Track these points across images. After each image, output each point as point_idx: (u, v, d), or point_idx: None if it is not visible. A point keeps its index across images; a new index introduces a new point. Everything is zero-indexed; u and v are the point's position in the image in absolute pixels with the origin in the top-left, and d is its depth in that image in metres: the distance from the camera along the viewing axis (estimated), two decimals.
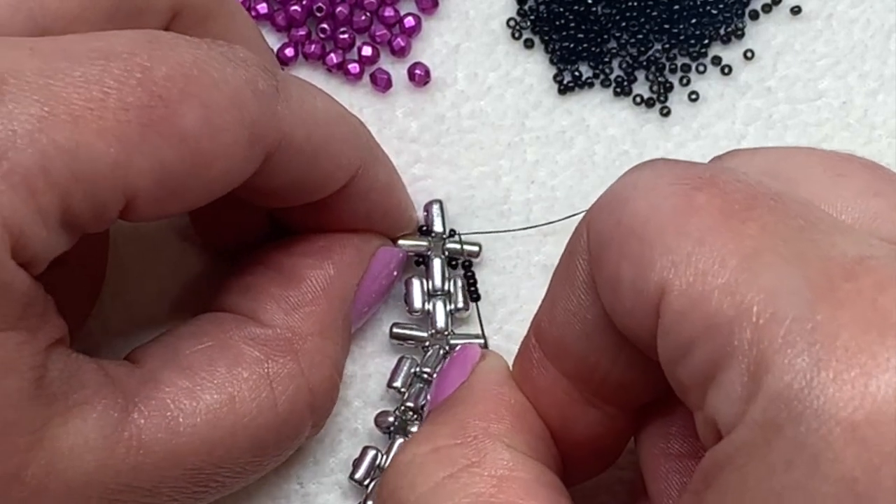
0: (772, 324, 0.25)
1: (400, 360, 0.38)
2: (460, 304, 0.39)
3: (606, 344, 0.30)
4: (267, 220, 0.38)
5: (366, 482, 0.37)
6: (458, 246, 0.39)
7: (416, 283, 0.38)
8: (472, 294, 0.39)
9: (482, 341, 0.38)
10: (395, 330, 0.38)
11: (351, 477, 0.37)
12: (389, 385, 0.38)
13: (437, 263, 0.39)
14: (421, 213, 0.40)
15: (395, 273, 0.38)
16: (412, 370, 0.38)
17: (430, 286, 0.38)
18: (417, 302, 0.38)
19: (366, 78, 0.41)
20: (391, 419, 0.37)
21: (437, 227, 0.39)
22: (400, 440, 0.37)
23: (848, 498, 0.24)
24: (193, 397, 0.32)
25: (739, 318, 0.25)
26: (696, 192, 0.27)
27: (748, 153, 0.31)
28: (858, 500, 0.23)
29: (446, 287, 0.39)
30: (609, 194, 0.29)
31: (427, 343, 0.38)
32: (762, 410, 0.25)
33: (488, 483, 0.30)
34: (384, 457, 0.37)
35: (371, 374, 0.38)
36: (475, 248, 0.39)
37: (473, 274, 0.39)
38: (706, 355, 0.26)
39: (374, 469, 0.37)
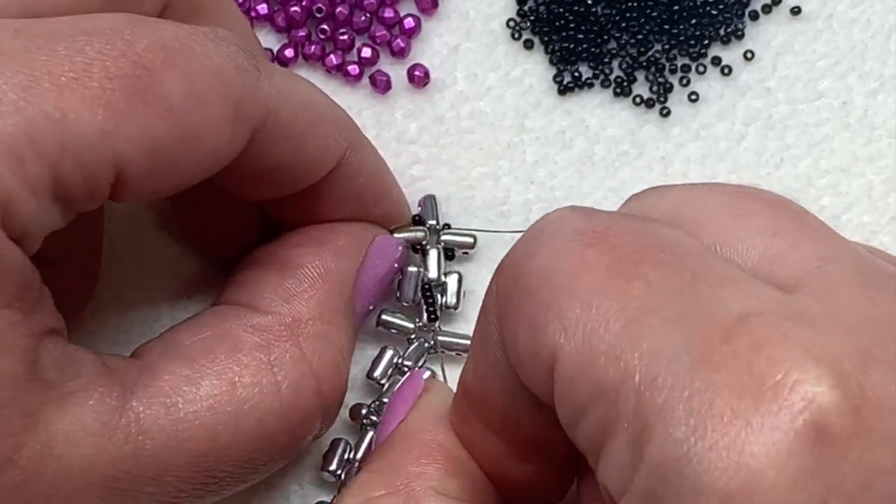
0: (652, 391, 0.24)
1: (382, 350, 0.38)
2: (453, 301, 0.38)
3: (526, 400, 0.29)
4: (258, 225, 0.38)
5: (339, 472, 0.37)
6: (453, 238, 0.39)
7: (411, 271, 0.38)
8: (431, 314, 0.38)
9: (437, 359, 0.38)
10: (382, 317, 0.38)
11: (323, 469, 0.37)
12: (369, 376, 0.38)
13: (432, 254, 0.39)
14: (415, 209, 0.39)
15: (396, 266, 0.38)
16: (394, 360, 0.38)
17: (425, 277, 0.38)
18: (410, 291, 0.38)
19: (365, 79, 0.41)
20: (364, 411, 0.37)
21: (431, 220, 0.39)
22: (371, 434, 0.37)
23: None
24: (193, 383, 0.32)
25: (624, 385, 0.25)
26: (587, 249, 0.27)
27: (658, 192, 0.31)
28: None
29: (442, 280, 0.38)
30: (515, 247, 0.29)
31: (413, 335, 0.38)
32: (645, 480, 0.24)
33: None
34: (353, 450, 0.37)
35: (356, 360, 0.38)
36: (470, 240, 0.39)
37: (433, 295, 0.38)
38: (597, 421, 0.26)
39: (345, 462, 0.37)
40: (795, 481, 0.23)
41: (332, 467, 0.37)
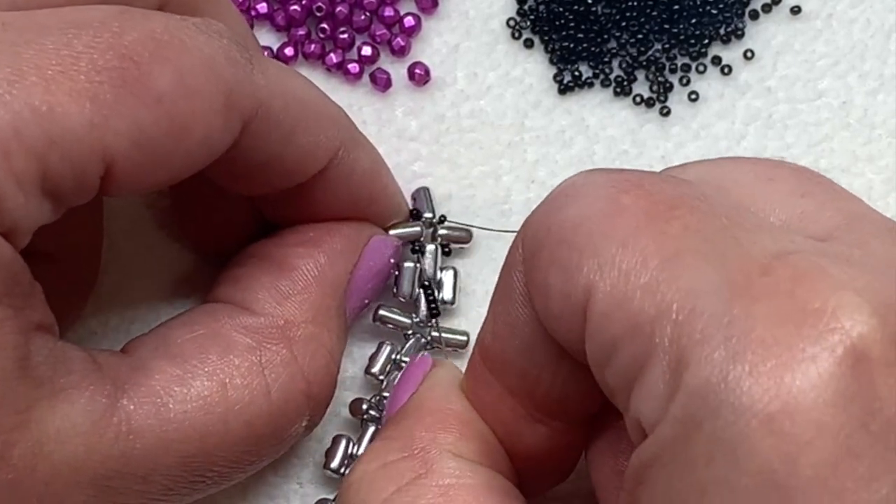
0: (690, 320, 0.25)
1: (380, 346, 0.38)
2: (449, 296, 0.38)
3: (546, 358, 0.30)
4: (253, 222, 0.38)
5: (342, 470, 0.37)
6: (450, 232, 0.39)
7: (408, 266, 0.38)
8: (432, 310, 0.38)
9: (441, 346, 0.38)
10: (380, 312, 0.38)
11: (326, 467, 0.37)
12: (367, 371, 0.38)
13: (429, 251, 0.39)
14: (409, 203, 0.40)
15: (391, 264, 0.38)
16: (392, 357, 0.38)
17: (422, 273, 0.38)
18: (407, 287, 0.38)
19: (365, 78, 0.41)
20: (364, 406, 0.37)
21: (427, 214, 0.39)
22: (372, 428, 0.37)
23: (768, 490, 0.24)
24: (184, 384, 0.32)
25: (660, 317, 0.25)
26: (623, 195, 0.28)
27: (681, 166, 0.31)
28: (778, 491, 0.23)
29: (438, 276, 0.38)
30: (542, 204, 0.29)
31: (410, 331, 0.38)
32: (682, 407, 0.25)
33: (436, 493, 0.30)
34: (356, 445, 0.37)
35: (354, 358, 0.38)
36: (465, 234, 0.39)
37: (433, 291, 0.38)
38: (630, 355, 0.26)
39: (348, 457, 0.37)
40: (836, 403, 0.24)
41: (335, 465, 0.37)
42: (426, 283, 0.38)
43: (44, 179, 0.28)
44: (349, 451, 0.37)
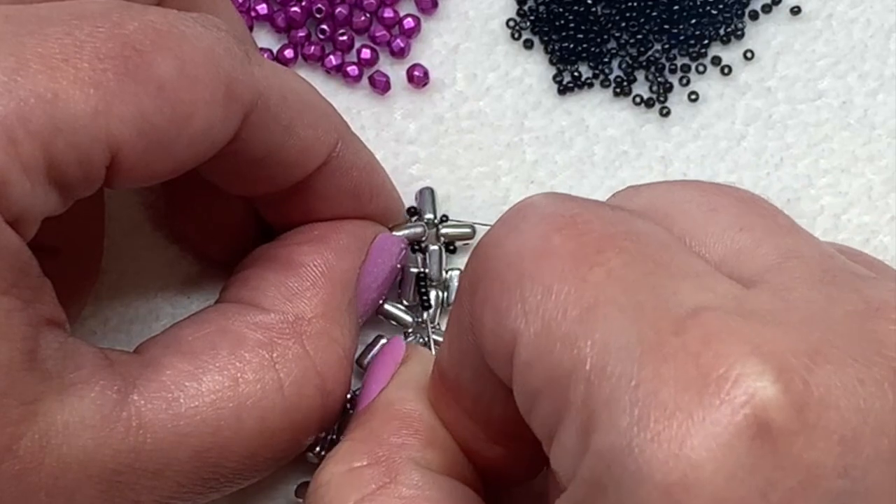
0: (601, 379, 0.25)
1: (376, 339, 0.38)
2: (454, 298, 0.39)
3: (496, 386, 0.29)
4: (254, 227, 0.38)
5: (322, 452, 0.37)
6: (452, 230, 0.39)
7: (413, 273, 0.38)
8: (424, 303, 0.38)
9: (411, 336, 0.38)
10: (385, 307, 0.38)
11: (307, 450, 0.37)
12: (358, 362, 0.38)
13: (434, 252, 0.39)
14: (411, 202, 0.40)
15: (398, 265, 0.38)
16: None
17: (427, 274, 0.38)
18: (411, 292, 0.38)
19: (364, 80, 0.41)
20: (349, 395, 0.37)
21: (429, 214, 0.39)
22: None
23: None
24: (195, 379, 0.32)
25: (575, 372, 0.25)
26: (554, 234, 0.27)
27: (636, 189, 0.31)
28: None
29: (443, 276, 0.39)
30: (489, 231, 0.29)
31: (410, 329, 0.38)
32: (590, 469, 0.25)
33: None
34: (334, 432, 0.37)
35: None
36: (468, 231, 0.39)
37: (426, 284, 0.38)
38: (550, 408, 0.26)
39: (327, 442, 0.37)
40: (734, 475, 0.23)
41: (316, 449, 0.37)
42: (422, 283, 0.38)
43: (50, 167, 0.28)
44: (329, 436, 0.37)
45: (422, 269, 0.38)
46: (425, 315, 0.38)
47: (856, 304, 0.26)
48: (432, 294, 0.38)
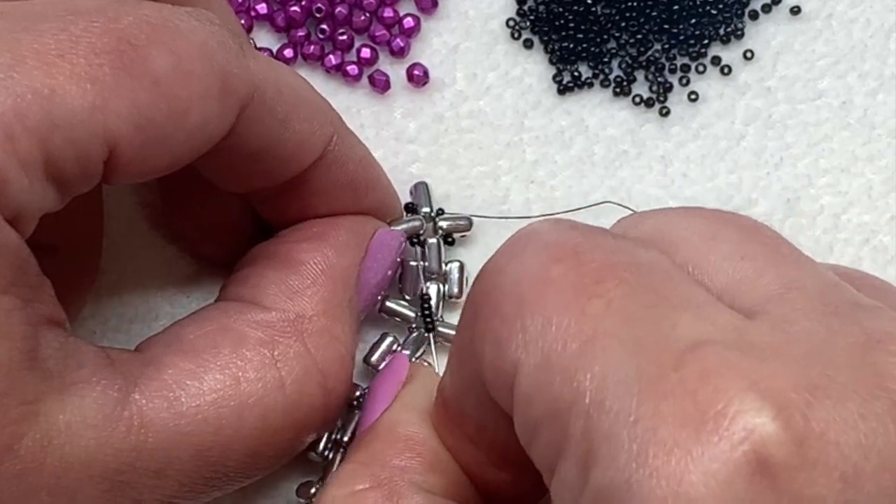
0: (600, 414, 0.24)
1: (382, 336, 0.38)
2: (455, 290, 0.39)
3: (500, 414, 0.29)
4: (251, 227, 0.38)
5: (326, 453, 0.37)
6: (449, 223, 0.39)
7: (412, 265, 0.38)
8: (428, 325, 0.38)
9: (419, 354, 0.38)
10: (386, 304, 0.38)
11: (310, 449, 0.37)
12: (365, 360, 0.38)
13: (432, 245, 0.39)
14: (407, 197, 0.40)
15: (398, 259, 0.38)
16: (393, 348, 0.38)
17: (426, 268, 0.38)
18: (412, 287, 0.38)
19: (364, 79, 0.41)
20: (357, 393, 0.37)
21: (425, 208, 0.39)
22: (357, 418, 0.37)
23: None
24: (196, 378, 0.32)
25: (575, 406, 0.25)
26: (554, 265, 0.27)
27: (638, 218, 0.31)
28: None
29: (443, 269, 0.39)
30: (490, 260, 0.29)
31: (414, 325, 0.38)
32: (589, 503, 0.24)
33: None
34: (339, 432, 0.37)
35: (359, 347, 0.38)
36: (465, 223, 0.39)
37: (431, 306, 0.38)
38: (550, 440, 0.26)
39: (331, 443, 0.37)
40: None
41: (319, 448, 0.37)
42: (425, 296, 0.38)
43: (47, 163, 0.28)
44: (333, 436, 0.37)
45: (421, 262, 0.38)
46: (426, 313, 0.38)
47: (857, 336, 0.25)
48: (433, 287, 0.38)
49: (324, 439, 0.37)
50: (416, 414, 0.33)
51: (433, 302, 0.38)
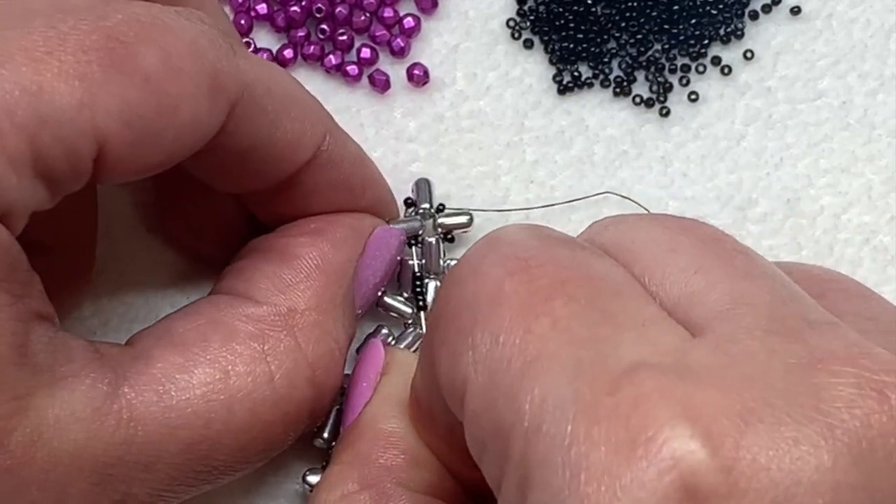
0: (537, 438, 0.24)
1: (377, 329, 0.38)
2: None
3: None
4: (245, 226, 0.38)
5: (333, 443, 0.37)
6: (449, 220, 0.39)
7: (411, 263, 0.38)
8: (420, 304, 0.38)
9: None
10: (384, 299, 0.38)
11: (317, 436, 0.37)
12: (359, 351, 0.37)
13: (432, 243, 0.39)
14: (408, 193, 0.40)
15: (396, 257, 0.38)
16: (387, 342, 0.38)
17: (425, 266, 0.38)
18: (410, 284, 0.38)
19: (364, 79, 0.41)
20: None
21: (425, 204, 0.39)
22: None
23: None
24: (186, 371, 0.32)
25: (515, 428, 0.25)
26: (507, 279, 0.27)
27: (603, 225, 0.31)
28: None
29: (442, 266, 0.38)
30: (455, 266, 0.29)
31: (409, 321, 0.38)
32: None
33: None
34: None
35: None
36: (465, 220, 0.39)
37: (423, 285, 0.38)
38: (495, 459, 0.26)
39: (340, 430, 0.37)
40: None
41: (326, 435, 0.37)
42: (417, 277, 0.38)
43: (36, 160, 0.28)
44: (340, 424, 0.37)
45: (420, 261, 0.38)
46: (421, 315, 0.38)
47: (799, 355, 0.25)
48: (431, 285, 0.38)
49: (329, 425, 0.37)
50: (396, 407, 0.33)
51: (429, 298, 0.38)
